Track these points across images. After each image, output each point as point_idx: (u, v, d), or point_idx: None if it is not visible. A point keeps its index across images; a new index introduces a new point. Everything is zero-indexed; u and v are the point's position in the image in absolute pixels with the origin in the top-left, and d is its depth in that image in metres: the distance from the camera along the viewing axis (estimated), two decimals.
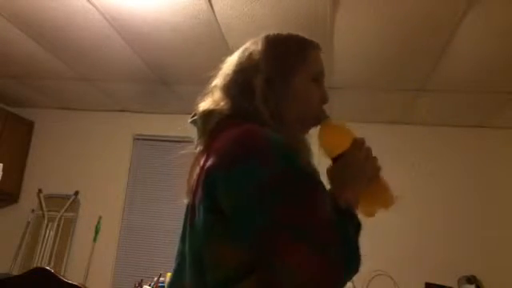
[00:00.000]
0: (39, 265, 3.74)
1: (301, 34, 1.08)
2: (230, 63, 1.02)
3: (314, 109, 0.99)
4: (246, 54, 1.00)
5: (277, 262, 0.74)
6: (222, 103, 0.95)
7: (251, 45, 1.02)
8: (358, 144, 0.95)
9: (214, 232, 0.83)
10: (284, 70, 0.96)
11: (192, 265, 0.87)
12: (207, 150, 0.90)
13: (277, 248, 0.73)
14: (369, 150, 0.95)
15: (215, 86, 1.03)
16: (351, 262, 0.76)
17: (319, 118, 0.99)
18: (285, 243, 0.73)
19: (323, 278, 0.72)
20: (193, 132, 1.02)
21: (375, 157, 0.95)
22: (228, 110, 0.94)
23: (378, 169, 0.96)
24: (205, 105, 1.00)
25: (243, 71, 0.97)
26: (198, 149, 0.97)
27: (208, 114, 0.96)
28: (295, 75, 0.96)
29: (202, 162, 0.90)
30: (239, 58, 1.01)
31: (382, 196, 0.98)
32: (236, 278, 0.80)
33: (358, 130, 1.00)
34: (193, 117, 1.02)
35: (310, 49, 1.03)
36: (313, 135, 1.01)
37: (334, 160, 0.95)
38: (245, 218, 0.78)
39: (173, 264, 0.97)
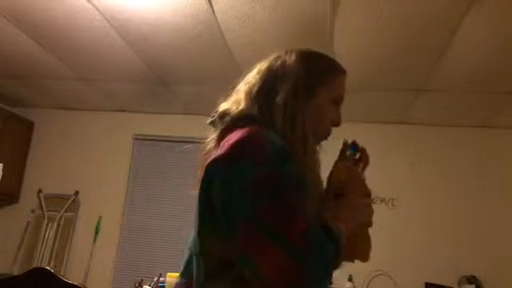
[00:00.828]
0: (39, 265, 3.74)
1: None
2: (260, 69, 1.07)
3: (325, 126, 1.06)
4: (279, 62, 1.05)
5: (250, 258, 0.80)
6: (241, 104, 1.00)
7: (285, 55, 1.07)
8: (366, 191, 1.04)
9: (206, 225, 0.90)
10: (310, 85, 1.02)
11: (194, 254, 0.94)
12: (216, 148, 0.94)
13: (252, 246, 0.79)
14: (372, 201, 1.04)
15: (239, 88, 1.07)
16: (318, 276, 0.79)
17: (327, 136, 1.07)
18: (260, 242, 0.78)
19: (288, 283, 0.77)
20: (210, 131, 1.05)
21: (373, 210, 1.03)
22: (244, 111, 0.98)
23: (370, 222, 1.02)
24: (224, 105, 1.04)
25: (272, 77, 1.02)
26: (209, 147, 1.00)
27: (224, 114, 1.00)
28: (319, 92, 1.03)
29: None
30: (270, 64, 1.06)
31: (363, 247, 1.03)
32: (222, 269, 0.86)
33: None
34: (212, 117, 1.05)
35: (338, 72, 1.10)
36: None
37: (338, 195, 1.01)
38: (230, 212, 0.83)
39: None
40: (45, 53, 3.04)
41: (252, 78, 1.05)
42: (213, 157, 0.89)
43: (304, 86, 1.00)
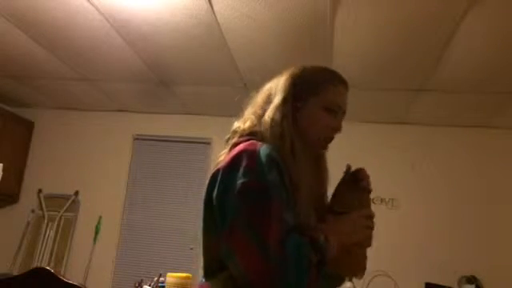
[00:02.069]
0: (39, 265, 3.74)
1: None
2: (263, 89, 1.17)
3: (317, 133, 1.11)
4: (275, 81, 1.15)
5: (233, 254, 0.90)
6: (246, 123, 1.12)
7: (285, 73, 1.16)
8: (369, 213, 1.07)
9: (206, 225, 1.01)
10: (299, 94, 1.10)
11: None
12: None
13: (235, 241, 0.90)
14: (373, 224, 1.07)
15: (248, 108, 1.18)
16: (289, 280, 0.86)
17: (325, 142, 1.13)
18: (242, 240, 0.89)
19: (260, 280, 0.87)
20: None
21: (372, 234, 1.07)
22: (247, 128, 1.10)
23: (368, 243, 1.07)
24: (236, 124, 1.16)
25: (268, 96, 1.14)
26: (220, 159, 1.10)
27: (234, 132, 1.13)
28: (308, 100, 1.11)
29: None
30: (270, 85, 1.16)
31: (357, 265, 1.07)
32: (219, 267, 0.95)
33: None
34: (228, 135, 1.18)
35: (332, 82, 1.14)
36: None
37: (341, 213, 1.06)
38: (223, 212, 0.94)
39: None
40: (45, 53, 3.04)
41: (257, 98, 1.17)
42: (218, 166, 1.02)
43: (293, 96, 1.09)
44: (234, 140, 1.09)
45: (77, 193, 4.02)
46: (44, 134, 4.22)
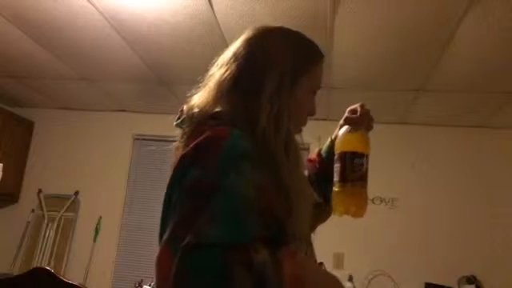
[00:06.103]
0: (39, 265, 3.74)
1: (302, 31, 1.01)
2: (235, 53, 0.92)
3: (304, 120, 0.96)
4: (258, 46, 0.91)
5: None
6: (212, 101, 0.89)
7: (262, 37, 0.93)
8: None
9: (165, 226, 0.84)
10: (294, 75, 0.89)
11: None
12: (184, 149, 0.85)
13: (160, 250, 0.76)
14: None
15: (212, 77, 0.95)
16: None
17: (301, 129, 0.97)
18: (163, 248, 0.75)
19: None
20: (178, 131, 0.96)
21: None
22: (212, 109, 0.88)
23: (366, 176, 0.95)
24: (195, 100, 0.94)
25: (252, 67, 0.89)
26: (179, 147, 0.93)
27: (194, 112, 0.90)
28: (300, 83, 0.91)
29: None
30: (248, 51, 0.91)
31: (359, 201, 0.95)
32: None
33: None
34: (180, 114, 0.97)
35: (318, 58, 0.97)
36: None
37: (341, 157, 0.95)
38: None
39: None
40: (45, 53, 3.04)
41: (227, 66, 0.91)
42: (176, 161, 0.82)
43: (289, 78, 0.87)
44: (195, 125, 0.87)
45: (77, 193, 4.02)
46: (44, 134, 4.22)
